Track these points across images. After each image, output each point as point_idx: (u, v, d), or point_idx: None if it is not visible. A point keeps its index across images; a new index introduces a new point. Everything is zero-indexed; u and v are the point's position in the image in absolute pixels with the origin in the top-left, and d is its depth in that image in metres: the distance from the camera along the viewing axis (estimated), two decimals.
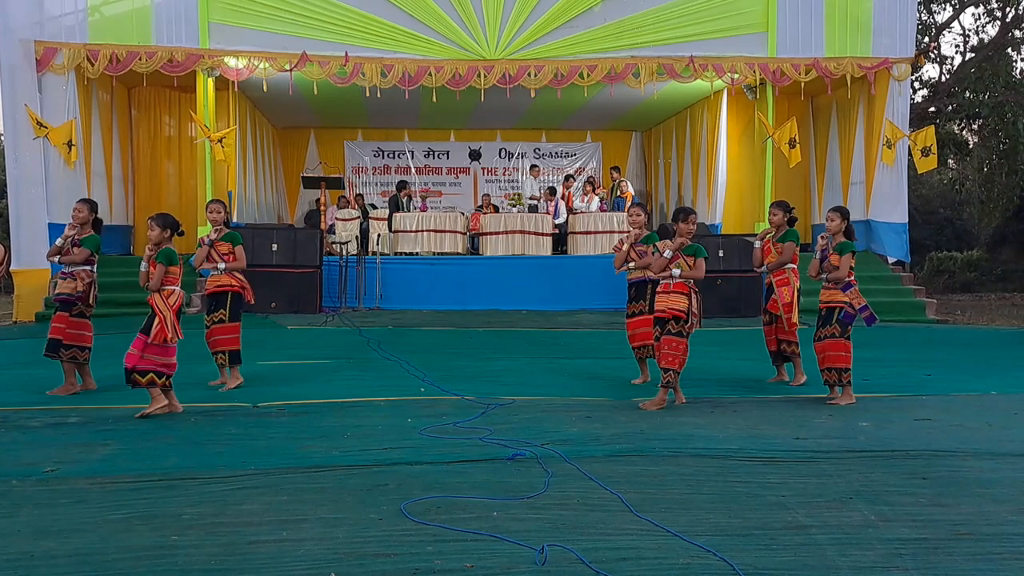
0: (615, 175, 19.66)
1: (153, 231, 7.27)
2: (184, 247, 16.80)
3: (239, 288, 8.58)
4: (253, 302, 8.85)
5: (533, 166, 20.92)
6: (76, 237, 8.29)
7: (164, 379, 7.12)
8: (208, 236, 8.63)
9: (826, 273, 7.88)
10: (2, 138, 21.36)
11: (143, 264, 7.24)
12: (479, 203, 19.97)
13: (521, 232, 16.91)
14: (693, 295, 7.61)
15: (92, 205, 8.54)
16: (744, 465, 5.58)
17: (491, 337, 12.43)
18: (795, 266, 8.84)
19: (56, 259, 8.34)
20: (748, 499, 4.86)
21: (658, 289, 7.81)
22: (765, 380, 8.97)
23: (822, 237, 8.00)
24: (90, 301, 8.31)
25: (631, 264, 8.72)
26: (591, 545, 4.08)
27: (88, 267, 8.28)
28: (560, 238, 17.78)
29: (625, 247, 8.74)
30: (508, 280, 15.93)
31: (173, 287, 7.21)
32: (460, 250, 17.11)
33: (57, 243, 8.33)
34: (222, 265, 8.45)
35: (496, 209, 18.92)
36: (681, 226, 7.69)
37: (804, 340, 8.71)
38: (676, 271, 7.61)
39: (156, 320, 7.05)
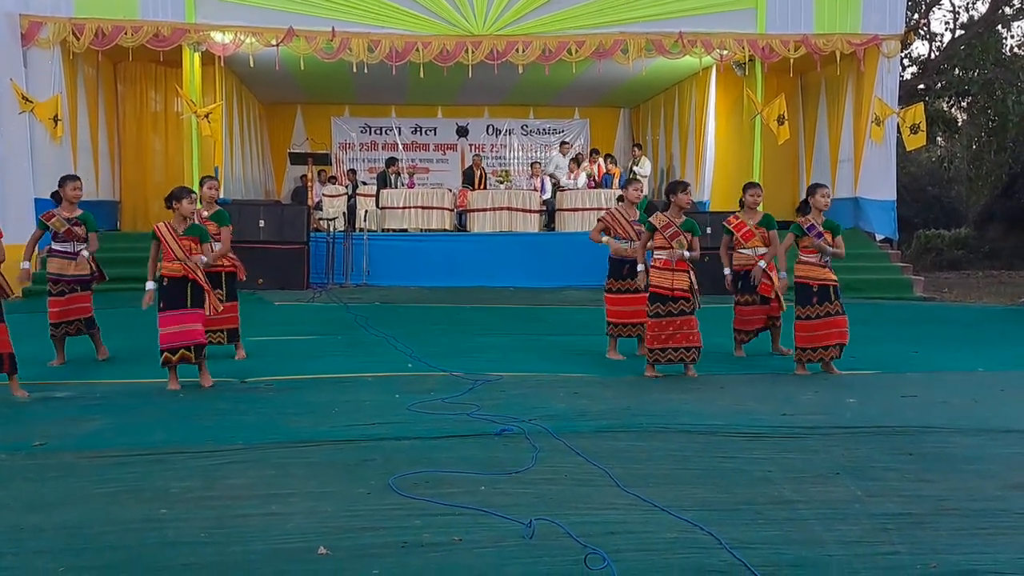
0: (637, 152, 19.57)
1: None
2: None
3: (232, 267, 8.66)
4: (244, 279, 8.94)
5: (563, 143, 20.90)
6: (68, 216, 8.33)
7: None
8: (200, 212, 8.56)
9: (824, 251, 7.95)
10: None
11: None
12: (468, 165, 19.84)
13: (508, 209, 16.88)
14: (692, 272, 7.75)
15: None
16: (730, 441, 5.61)
17: (478, 313, 12.43)
18: None
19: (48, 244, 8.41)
20: (734, 474, 4.89)
21: (656, 265, 7.83)
22: (732, 354, 9.04)
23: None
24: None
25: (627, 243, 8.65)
26: (579, 519, 4.10)
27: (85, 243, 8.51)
28: (548, 215, 17.75)
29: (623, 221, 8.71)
30: (495, 257, 15.90)
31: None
32: (447, 227, 17.06)
33: (54, 225, 8.32)
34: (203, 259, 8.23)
35: (484, 173, 18.84)
36: (681, 196, 7.77)
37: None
38: (683, 251, 7.69)
39: (206, 293, 7.24)
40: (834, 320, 7.92)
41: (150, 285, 7.23)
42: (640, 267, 8.23)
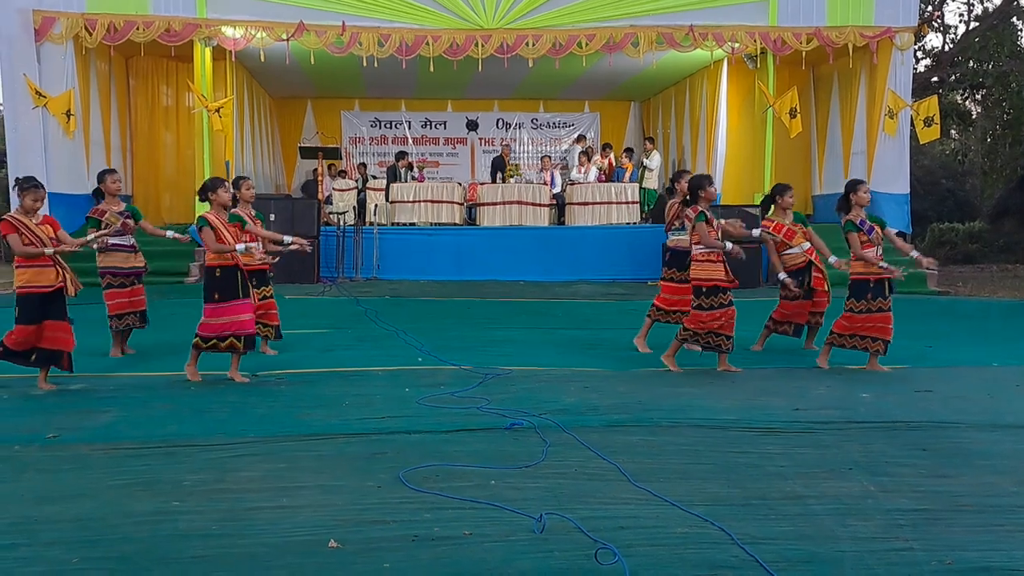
0: (649, 146, 19.54)
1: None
2: (179, 216, 16.80)
3: (268, 266, 8.87)
4: None
5: (581, 136, 20.90)
6: (117, 210, 8.44)
7: None
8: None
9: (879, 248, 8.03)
10: (1, 108, 21.31)
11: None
12: (498, 154, 19.86)
13: (519, 203, 16.85)
14: None
15: None
16: (743, 435, 5.58)
17: (488, 307, 12.42)
18: None
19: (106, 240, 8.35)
20: (747, 469, 4.86)
21: (710, 258, 7.80)
22: (802, 348, 9.11)
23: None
24: None
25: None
26: (589, 514, 4.08)
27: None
28: (559, 209, 17.72)
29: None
30: (506, 251, 15.92)
31: None
32: (457, 221, 17.05)
33: (109, 220, 8.34)
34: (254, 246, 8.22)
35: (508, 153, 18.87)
36: (710, 191, 7.90)
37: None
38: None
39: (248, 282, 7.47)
40: (881, 316, 7.88)
41: (241, 247, 7.26)
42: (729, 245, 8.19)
